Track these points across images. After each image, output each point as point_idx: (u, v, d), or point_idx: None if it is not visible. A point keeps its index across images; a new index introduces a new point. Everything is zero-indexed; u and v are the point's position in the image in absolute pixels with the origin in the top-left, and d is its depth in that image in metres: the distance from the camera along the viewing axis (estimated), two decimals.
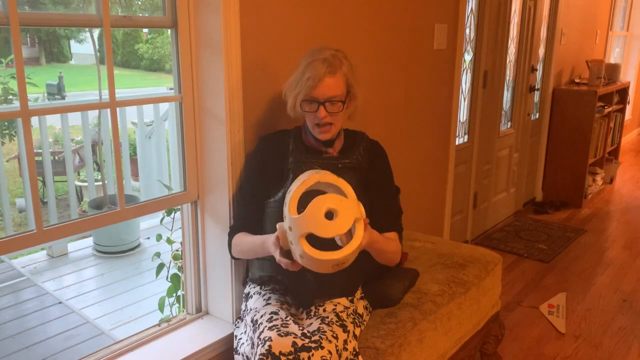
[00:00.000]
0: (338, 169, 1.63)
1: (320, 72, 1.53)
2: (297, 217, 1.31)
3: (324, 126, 1.58)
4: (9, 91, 4.98)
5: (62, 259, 3.74)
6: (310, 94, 1.54)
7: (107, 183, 3.96)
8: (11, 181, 6.30)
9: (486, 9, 3.36)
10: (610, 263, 3.49)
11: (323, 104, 1.55)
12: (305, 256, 1.31)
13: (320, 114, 1.55)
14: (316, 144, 1.65)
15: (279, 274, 1.61)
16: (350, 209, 1.32)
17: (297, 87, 1.56)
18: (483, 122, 3.61)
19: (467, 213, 3.64)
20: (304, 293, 1.60)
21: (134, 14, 3.70)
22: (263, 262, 1.65)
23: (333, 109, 1.56)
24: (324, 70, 1.53)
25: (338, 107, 1.57)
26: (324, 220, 1.29)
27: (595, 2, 5.19)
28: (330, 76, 1.54)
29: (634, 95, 7.30)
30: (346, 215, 1.31)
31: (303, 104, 1.57)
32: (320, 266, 1.34)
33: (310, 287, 1.58)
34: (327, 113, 1.55)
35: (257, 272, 1.69)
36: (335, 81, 1.55)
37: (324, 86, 1.53)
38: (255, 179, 1.69)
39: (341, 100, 1.57)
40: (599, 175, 5.01)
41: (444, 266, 2.05)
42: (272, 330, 1.41)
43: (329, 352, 1.37)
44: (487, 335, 2.18)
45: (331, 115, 1.57)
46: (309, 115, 1.59)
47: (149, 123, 4.46)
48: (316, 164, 1.62)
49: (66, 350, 2.69)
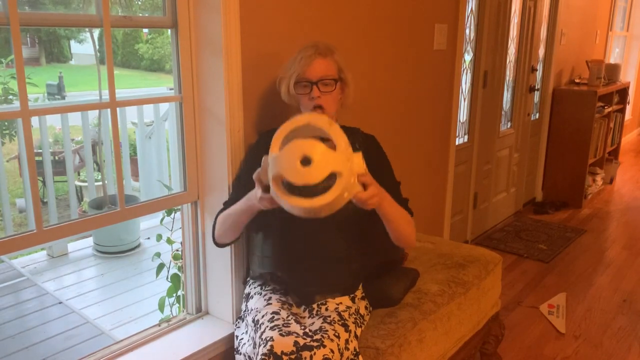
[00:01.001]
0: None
1: (311, 52, 1.60)
2: (274, 156, 1.26)
3: (318, 108, 1.60)
4: (9, 91, 4.98)
5: (62, 259, 3.74)
6: (303, 75, 1.59)
7: (107, 183, 3.96)
8: (11, 181, 6.30)
9: (486, 9, 3.36)
10: (610, 263, 3.49)
11: (316, 83, 1.59)
12: (275, 197, 1.27)
13: (314, 94, 1.59)
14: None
15: (279, 270, 1.62)
16: (330, 160, 1.22)
17: (290, 70, 1.62)
18: (483, 122, 3.61)
19: (467, 213, 3.64)
20: (305, 289, 1.60)
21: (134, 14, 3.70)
22: (263, 259, 1.65)
23: (326, 89, 1.60)
24: (315, 52, 1.60)
25: (331, 87, 1.61)
26: (297, 165, 1.22)
27: (595, 2, 5.19)
28: (322, 58, 1.61)
29: (634, 95, 7.30)
30: (322, 165, 1.21)
31: (297, 87, 1.61)
32: (292, 210, 1.27)
33: (311, 283, 1.58)
34: (320, 92, 1.59)
35: (257, 270, 1.69)
36: (326, 62, 1.61)
37: (316, 64, 1.59)
38: (250, 170, 1.68)
39: (334, 79, 1.61)
40: (599, 176, 5.01)
41: (444, 266, 2.05)
42: (273, 330, 1.41)
43: (331, 350, 1.37)
44: (487, 335, 2.18)
45: (324, 96, 1.60)
46: (303, 98, 1.62)
47: (149, 123, 4.46)
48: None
49: (66, 350, 2.69)
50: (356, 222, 1.61)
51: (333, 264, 1.61)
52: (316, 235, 1.59)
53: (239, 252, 1.83)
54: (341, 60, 1.66)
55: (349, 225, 1.61)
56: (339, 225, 1.59)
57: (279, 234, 1.62)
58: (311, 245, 1.59)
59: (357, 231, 1.63)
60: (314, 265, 1.59)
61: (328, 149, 1.25)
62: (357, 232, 1.63)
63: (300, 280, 1.59)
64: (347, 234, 1.61)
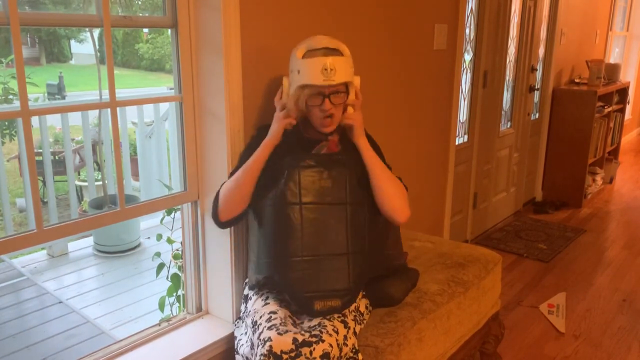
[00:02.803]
0: (333, 163, 1.60)
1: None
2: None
3: (328, 118, 1.59)
4: (9, 91, 4.98)
5: (63, 259, 3.74)
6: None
7: (107, 183, 3.96)
8: (11, 181, 6.30)
9: (486, 9, 3.36)
10: (610, 263, 3.49)
11: (328, 96, 1.56)
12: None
13: (326, 106, 1.57)
14: (317, 135, 1.66)
15: (276, 274, 1.55)
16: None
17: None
18: (483, 122, 3.61)
19: (467, 213, 3.64)
20: (303, 295, 1.52)
21: (134, 14, 3.71)
22: (259, 264, 1.61)
23: (337, 100, 1.58)
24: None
25: (342, 98, 1.60)
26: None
27: (595, 2, 5.19)
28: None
29: (633, 95, 7.30)
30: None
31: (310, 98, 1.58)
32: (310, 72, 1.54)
33: (309, 288, 1.52)
34: (332, 105, 1.57)
35: (253, 276, 1.64)
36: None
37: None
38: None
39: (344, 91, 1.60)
40: (599, 175, 5.02)
41: (444, 266, 2.05)
42: (271, 330, 1.41)
43: (329, 345, 1.37)
44: (487, 334, 2.18)
45: (335, 107, 1.58)
46: (314, 109, 1.59)
47: (149, 123, 4.46)
48: (312, 161, 1.59)
49: (66, 349, 2.69)
50: (359, 225, 1.59)
51: (333, 266, 1.55)
52: (317, 235, 1.56)
53: (239, 251, 1.83)
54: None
55: (352, 227, 1.58)
56: (341, 227, 1.56)
57: (278, 235, 1.56)
58: (310, 246, 1.55)
59: (359, 235, 1.59)
60: (312, 267, 1.54)
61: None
62: (359, 236, 1.59)
63: (298, 284, 1.53)
64: (348, 237, 1.57)
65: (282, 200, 1.54)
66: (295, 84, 1.58)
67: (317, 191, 1.56)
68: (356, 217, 1.58)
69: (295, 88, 1.58)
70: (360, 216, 1.59)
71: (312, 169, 1.57)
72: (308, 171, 1.56)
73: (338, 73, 1.54)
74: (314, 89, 1.55)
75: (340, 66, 1.55)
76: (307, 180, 1.55)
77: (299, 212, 1.53)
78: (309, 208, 1.54)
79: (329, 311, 1.52)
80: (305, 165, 1.57)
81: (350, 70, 1.59)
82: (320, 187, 1.56)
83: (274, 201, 1.56)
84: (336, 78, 1.53)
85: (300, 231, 1.53)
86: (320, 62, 1.53)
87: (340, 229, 1.56)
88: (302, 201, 1.54)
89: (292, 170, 1.55)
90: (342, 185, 1.58)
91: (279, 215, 1.54)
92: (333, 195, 1.57)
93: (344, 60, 1.57)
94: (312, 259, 1.54)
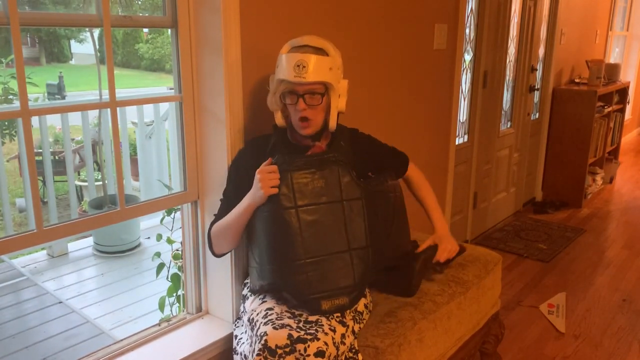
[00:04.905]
0: (323, 163, 1.58)
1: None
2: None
3: (305, 120, 1.58)
4: (9, 91, 4.97)
5: (62, 259, 3.74)
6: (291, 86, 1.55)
7: (107, 183, 3.96)
8: (11, 181, 6.30)
9: (486, 9, 3.36)
10: (610, 263, 3.49)
11: (302, 95, 1.55)
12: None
13: (300, 106, 1.56)
14: (304, 140, 1.65)
15: (280, 279, 1.52)
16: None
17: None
18: (483, 122, 3.61)
19: (467, 213, 3.64)
20: (309, 296, 1.50)
21: (134, 13, 3.71)
22: (262, 270, 1.58)
23: (312, 102, 1.56)
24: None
25: (317, 100, 1.57)
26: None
27: (595, 2, 5.19)
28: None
29: (633, 95, 7.30)
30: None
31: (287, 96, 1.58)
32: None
33: (314, 289, 1.51)
34: (306, 105, 1.56)
35: (257, 282, 1.62)
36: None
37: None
38: (234, 184, 1.68)
39: (320, 93, 1.57)
40: (599, 175, 5.02)
41: (444, 266, 2.05)
42: (267, 324, 1.41)
43: (325, 343, 1.37)
44: (487, 334, 2.18)
45: (310, 109, 1.56)
46: (290, 107, 1.59)
47: (149, 123, 4.46)
48: (302, 163, 1.57)
49: (66, 349, 2.69)
50: (357, 221, 1.58)
51: (336, 264, 1.54)
52: (317, 236, 1.54)
53: (239, 251, 1.83)
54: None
55: (351, 224, 1.57)
56: (339, 226, 1.56)
57: (278, 241, 1.54)
58: (312, 247, 1.53)
59: (359, 230, 1.58)
60: (316, 268, 1.52)
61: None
62: (359, 232, 1.58)
63: (304, 287, 1.50)
64: (348, 234, 1.56)
65: (277, 206, 1.52)
66: (275, 78, 1.60)
67: (312, 192, 1.54)
68: (353, 213, 1.57)
69: (275, 82, 1.60)
70: (357, 212, 1.58)
71: (303, 171, 1.55)
72: (299, 174, 1.54)
73: (311, 71, 1.51)
74: (288, 85, 1.55)
75: (317, 65, 1.52)
76: (300, 183, 1.54)
77: (296, 216, 1.52)
78: (306, 210, 1.54)
79: (337, 309, 1.52)
80: (295, 168, 1.54)
81: (328, 71, 1.55)
82: (314, 188, 1.55)
83: (269, 208, 1.53)
84: (308, 76, 1.51)
85: (300, 235, 1.52)
86: (295, 57, 1.52)
87: (339, 227, 1.56)
88: (297, 204, 1.53)
89: (284, 174, 1.53)
90: (335, 183, 1.57)
91: (277, 221, 1.52)
92: (327, 194, 1.56)
93: (322, 60, 1.54)
94: (315, 260, 1.52)
